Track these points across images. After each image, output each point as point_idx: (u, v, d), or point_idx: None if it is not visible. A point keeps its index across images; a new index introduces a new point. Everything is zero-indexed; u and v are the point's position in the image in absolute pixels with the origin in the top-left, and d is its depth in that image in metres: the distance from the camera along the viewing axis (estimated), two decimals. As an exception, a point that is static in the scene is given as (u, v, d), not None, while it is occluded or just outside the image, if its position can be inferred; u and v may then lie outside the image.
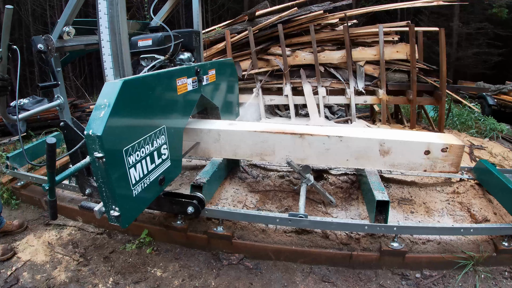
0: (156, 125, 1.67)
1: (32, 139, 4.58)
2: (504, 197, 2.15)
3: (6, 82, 1.70)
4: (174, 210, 1.99)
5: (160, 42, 2.09)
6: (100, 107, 1.35)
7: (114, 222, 1.47)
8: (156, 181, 1.71)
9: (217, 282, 1.96)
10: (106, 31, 1.61)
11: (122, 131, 1.42)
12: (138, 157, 1.53)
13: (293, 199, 2.52)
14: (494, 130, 4.70)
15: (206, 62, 2.42)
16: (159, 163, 1.73)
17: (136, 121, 1.52)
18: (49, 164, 1.33)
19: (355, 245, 2.09)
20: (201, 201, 1.97)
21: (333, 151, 2.11)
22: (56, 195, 1.46)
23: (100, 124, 1.30)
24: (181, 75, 1.89)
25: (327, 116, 4.94)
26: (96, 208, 1.50)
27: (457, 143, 2.01)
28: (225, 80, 2.66)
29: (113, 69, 1.67)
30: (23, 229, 2.47)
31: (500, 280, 1.92)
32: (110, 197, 1.41)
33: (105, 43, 1.63)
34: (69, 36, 1.87)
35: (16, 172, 2.81)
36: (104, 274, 2.04)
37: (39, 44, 1.72)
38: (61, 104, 1.95)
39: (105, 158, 1.31)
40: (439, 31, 4.07)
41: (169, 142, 1.79)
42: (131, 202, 1.53)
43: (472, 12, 12.94)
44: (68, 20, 1.83)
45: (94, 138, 1.29)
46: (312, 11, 4.35)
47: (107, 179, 1.37)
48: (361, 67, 4.39)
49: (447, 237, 2.12)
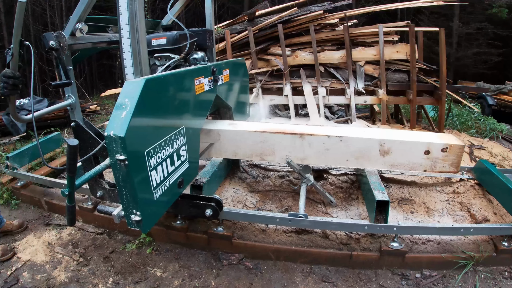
0: (176, 126, 1.62)
1: (32, 139, 4.58)
2: (504, 197, 2.15)
3: (17, 81, 1.61)
4: (192, 213, 1.95)
5: (175, 41, 2.04)
6: (121, 107, 1.29)
7: (134, 226, 1.41)
8: (175, 183, 1.66)
9: (217, 282, 1.96)
10: (127, 27, 1.53)
11: (144, 132, 1.37)
12: (159, 159, 1.48)
13: (293, 199, 2.52)
14: (494, 130, 4.70)
15: (221, 61, 2.37)
16: (178, 165, 1.68)
17: (157, 122, 1.47)
18: (69, 168, 1.26)
19: (355, 245, 2.09)
20: (219, 203, 1.94)
21: (333, 151, 2.11)
22: (75, 200, 1.39)
23: (122, 124, 1.24)
24: (198, 75, 1.85)
25: (327, 116, 4.94)
26: (115, 212, 1.44)
27: (457, 143, 2.01)
28: (239, 80, 2.63)
29: (133, 68, 1.60)
30: (23, 229, 2.46)
31: (500, 280, 1.92)
32: (131, 201, 1.35)
33: (125, 40, 1.56)
34: (82, 34, 1.78)
35: (16, 172, 2.81)
36: (104, 274, 2.04)
37: (51, 41, 1.62)
38: (73, 104, 1.86)
39: (127, 161, 1.25)
40: (439, 31, 4.07)
41: (187, 143, 1.75)
42: (152, 206, 1.47)
43: (472, 12, 12.93)
44: (81, 16, 1.74)
45: (116, 139, 1.23)
46: (312, 11, 4.35)
47: (128, 183, 1.31)
48: (361, 67, 4.39)
49: (447, 237, 2.12)
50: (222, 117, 2.55)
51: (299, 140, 2.12)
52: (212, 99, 2.08)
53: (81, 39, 1.81)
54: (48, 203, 2.69)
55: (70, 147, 1.20)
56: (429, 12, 13.46)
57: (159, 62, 2.10)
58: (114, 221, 1.45)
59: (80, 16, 1.73)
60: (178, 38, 2.05)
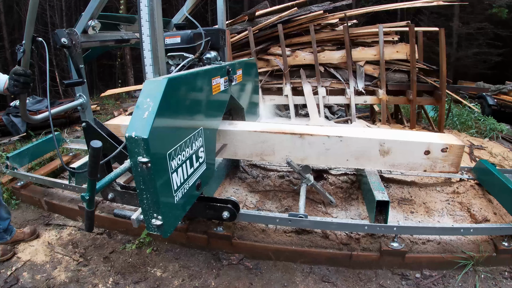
0: (195, 127, 1.58)
1: (32, 139, 4.58)
2: (504, 197, 2.15)
3: (28, 79, 1.54)
4: (208, 215, 1.92)
5: (190, 39, 1.99)
6: (142, 107, 1.24)
7: (154, 231, 1.36)
8: (194, 186, 1.62)
9: (217, 282, 1.96)
10: (147, 24, 1.48)
11: (166, 133, 1.32)
12: (179, 161, 1.43)
13: (293, 199, 2.52)
14: (494, 130, 4.70)
15: (234, 61, 2.33)
16: (197, 167, 1.64)
17: (178, 122, 1.43)
18: (91, 171, 1.19)
19: (355, 245, 2.09)
20: (236, 205, 1.90)
21: (333, 151, 2.11)
22: (94, 205, 1.32)
23: (145, 125, 1.19)
24: (215, 75, 1.82)
25: (327, 116, 4.94)
26: (134, 216, 1.39)
27: (457, 143, 2.01)
28: (251, 80, 2.61)
29: (153, 66, 1.54)
30: (35, 236, 2.38)
31: (500, 280, 1.92)
32: (152, 205, 1.30)
33: (145, 38, 1.51)
34: (95, 31, 1.71)
35: (16, 172, 2.81)
36: (104, 274, 2.04)
37: (63, 38, 1.53)
38: (84, 104, 1.78)
39: (150, 163, 1.20)
40: (439, 31, 4.07)
41: (205, 144, 1.71)
42: (173, 209, 1.43)
43: (472, 12, 12.94)
44: (94, 13, 1.65)
45: (138, 141, 1.17)
46: (312, 11, 4.35)
47: (150, 186, 1.26)
48: (361, 67, 4.39)
49: (447, 237, 2.12)
50: (234, 118, 2.51)
51: (299, 140, 2.12)
52: (227, 100, 2.04)
53: (94, 37, 1.75)
54: (48, 203, 2.69)
55: (93, 150, 1.14)
56: (429, 12, 13.47)
57: (172, 62, 2.05)
58: (133, 224, 1.39)
59: (93, 13, 1.65)
60: (193, 37, 2.00)
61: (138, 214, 1.39)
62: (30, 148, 2.99)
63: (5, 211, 2.19)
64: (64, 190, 2.69)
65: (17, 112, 5.00)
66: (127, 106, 6.82)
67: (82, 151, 3.51)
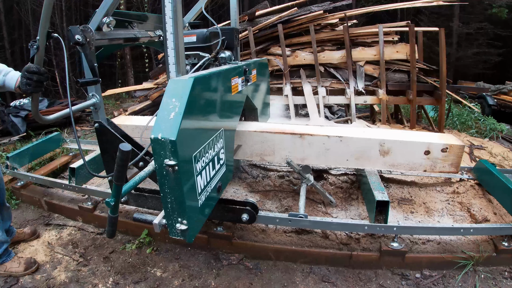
0: (217, 128, 1.55)
1: (32, 139, 4.58)
2: (504, 197, 2.15)
3: (42, 77, 1.43)
4: (226, 217, 1.88)
5: (206, 38, 1.96)
6: (167, 108, 1.19)
7: (178, 236, 1.32)
8: (215, 188, 1.59)
9: (217, 282, 1.96)
10: (170, 21, 1.42)
11: (192, 135, 1.28)
12: (203, 163, 1.39)
13: (293, 199, 2.52)
14: (494, 130, 4.70)
15: (249, 61, 2.31)
16: (218, 169, 1.61)
17: (202, 123, 1.39)
18: (118, 176, 1.14)
19: (355, 245, 2.09)
20: (255, 207, 1.86)
21: (333, 151, 2.11)
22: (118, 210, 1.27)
23: (172, 127, 1.14)
24: (234, 75, 1.78)
25: (327, 116, 4.94)
26: (156, 221, 1.34)
27: (457, 143, 2.01)
28: (264, 80, 2.59)
29: (176, 65, 1.48)
30: (36, 236, 2.37)
31: (500, 280, 1.92)
32: (177, 209, 1.26)
33: (169, 35, 1.45)
34: (109, 28, 1.64)
35: (16, 172, 2.81)
36: (104, 274, 2.04)
37: (77, 35, 1.46)
38: (97, 104, 1.70)
39: (177, 166, 1.15)
40: (439, 31, 4.07)
41: (225, 146, 1.67)
42: (197, 213, 1.39)
43: (472, 12, 12.93)
44: (109, 10, 1.58)
45: (164, 143, 1.13)
46: (312, 11, 4.35)
47: (177, 190, 1.21)
48: (361, 67, 4.38)
49: (447, 237, 2.12)
50: (247, 119, 2.49)
51: (299, 140, 2.12)
52: (244, 100, 2.01)
53: (108, 34, 1.69)
54: (48, 203, 2.69)
55: (122, 153, 1.08)
56: (429, 12, 13.47)
57: (187, 61, 2.02)
58: (155, 229, 1.35)
59: (108, 10, 1.58)
60: (209, 36, 1.97)
61: (160, 219, 1.34)
62: (30, 148, 2.99)
63: (8, 214, 2.14)
64: (64, 190, 2.69)
65: (17, 112, 5.00)
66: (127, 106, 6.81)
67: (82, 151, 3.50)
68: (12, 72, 1.62)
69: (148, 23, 1.99)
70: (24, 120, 4.94)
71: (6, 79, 1.60)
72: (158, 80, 5.22)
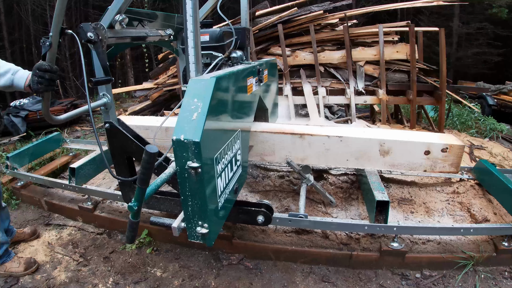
0: (235, 129, 1.52)
1: (32, 139, 4.58)
2: (504, 197, 2.15)
3: (54, 75, 1.38)
4: (241, 219, 1.83)
5: (219, 38, 1.92)
6: (189, 108, 1.16)
7: (199, 240, 1.28)
8: (232, 190, 1.55)
9: (217, 282, 1.96)
10: (191, 20, 1.37)
11: (214, 136, 1.25)
12: (223, 165, 1.37)
13: (293, 199, 2.52)
14: (494, 130, 4.70)
15: (261, 61, 2.28)
16: (235, 170, 1.58)
17: (222, 124, 1.36)
18: (142, 179, 1.09)
19: (355, 245, 2.09)
20: (270, 208, 1.81)
21: (333, 151, 2.11)
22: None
23: (195, 128, 1.10)
24: (249, 75, 1.76)
25: (327, 116, 4.94)
26: (175, 224, 1.30)
27: (457, 143, 2.01)
28: (274, 81, 2.57)
29: (195, 64, 1.44)
30: (36, 236, 2.37)
31: (500, 280, 1.92)
32: (198, 212, 1.22)
33: (189, 34, 1.41)
34: (122, 26, 1.59)
35: (16, 172, 2.81)
36: (104, 274, 2.04)
37: (89, 32, 1.40)
38: (108, 104, 1.64)
39: (200, 169, 1.12)
40: (439, 31, 4.07)
41: (241, 147, 1.64)
42: (217, 216, 1.36)
43: (472, 12, 12.94)
44: (122, 7, 1.53)
45: (187, 145, 1.09)
46: (312, 11, 4.35)
47: (199, 192, 1.18)
48: (361, 67, 4.39)
49: (447, 237, 2.12)
50: (257, 119, 2.46)
51: (299, 140, 2.12)
52: (257, 100, 1.98)
53: (120, 33, 1.63)
54: (48, 203, 2.69)
55: (149, 155, 1.03)
56: (429, 12, 13.46)
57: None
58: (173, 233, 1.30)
59: (121, 7, 1.53)
60: (222, 35, 1.94)
61: (179, 222, 1.31)
62: (30, 148, 2.99)
63: (5, 214, 2.13)
64: (64, 190, 2.69)
65: (17, 112, 5.00)
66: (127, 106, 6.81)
67: (82, 151, 3.50)
68: (21, 71, 1.57)
69: (157, 22, 1.97)
70: (24, 120, 4.94)
71: (14, 78, 1.54)
72: (158, 80, 5.22)
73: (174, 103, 5.25)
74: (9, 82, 1.52)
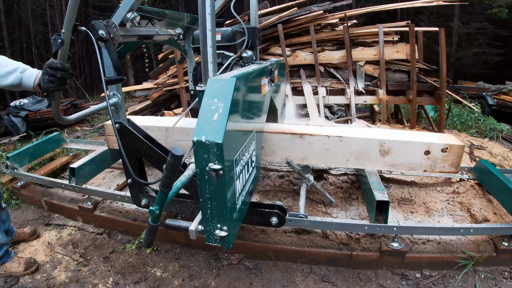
0: (251, 129, 1.50)
1: (32, 139, 4.58)
2: (504, 197, 2.15)
3: (66, 74, 1.32)
4: (254, 221, 1.79)
5: (231, 37, 1.89)
6: (209, 108, 1.13)
7: (217, 242, 1.26)
8: (248, 192, 1.52)
9: (217, 282, 1.96)
10: (209, 18, 1.34)
11: (235, 137, 1.23)
12: (241, 166, 1.35)
13: (293, 199, 2.52)
14: (494, 130, 4.70)
15: (272, 61, 2.25)
16: (251, 172, 1.55)
17: (241, 125, 1.34)
18: (167, 182, 1.06)
19: (355, 245, 2.09)
20: (283, 209, 1.78)
21: (333, 151, 2.11)
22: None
23: (217, 129, 1.08)
24: (263, 75, 1.74)
25: (327, 116, 4.94)
26: (192, 227, 1.27)
27: (457, 143, 2.01)
28: (283, 81, 2.55)
29: (213, 64, 1.40)
30: (36, 236, 2.36)
31: (500, 280, 1.92)
32: (217, 215, 1.20)
33: (208, 32, 1.37)
34: (134, 24, 1.55)
35: (16, 172, 2.81)
36: (104, 274, 2.04)
37: (100, 30, 1.36)
38: (118, 103, 1.60)
39: (222, 171, 1.09)
40: (439, 31, 4.07)
41: (256, 148, 1.62)
42: (235, 218, 1.34)
43: (472, 12, 12.94)
44: (134, 4, 1.49)
45: (209, 146, 1.06)
46: (312, 11, 4.35)
47: (220, 195, 1.15)
48: (361, 67, 4.39)
49: (447, 237, 2.12)
50: (267, 120, 2.41)
51: (299, 140, 2.12)
52: (269, 101, 1.96)
53: (132, 31, 1.58)
54: (48, 203, 2.69)
55: (175, 158, 1.00)
56: (429, 12, 13.47)
57: None
58: (190, 236, 1.27)
59: (133, 4, 1.49)
60: (233, 35, 1.91)
61: (196, 225, 1.28)
62: (30, 148, 2.99)
63: (5, 214, 2.13)
64: (64, 190, 2.69)
65: (17, 112, 5.00)
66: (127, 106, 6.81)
67: (82, 151, 3.51)
68: (30, 70, 1.51)
69: (166, 21, 1.95)
70: (24, 120, 4.94)
71: (23, 77, 1.47)
72: (158, 80, 5.22)
73: (174, 103, 5.26)
74: (17, 81, 1.46)
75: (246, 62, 2.01)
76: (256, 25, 2.26)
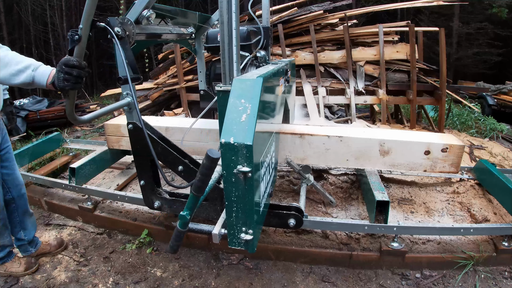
0: (272, 130, 1.47)
1: (32, 139, 4.58)
2: (504, 197, 2.15)
3: (82, 72, 1.26)
4: (271, 223, 1.74)
5: (247, 37, 1.86)
6: (236, 109, 1.10)
7: (241, 246, 1.22)
8: (268, 194, 1.49)
9: (217, 282, 1.96)
10: (234, 16, 1.29)
11: (262, 139, 1.21)
12: (265, 168, 1.32)
13: (293, 199, 2.52)
14: (494, 130, 4.70)
15: (285, 61, 2.23)
16: (271, 173, 1.52)
17: (266, 126, 1.31)
18: (200, 186, 1.03)
19: (355, 245, 2.09)
20: (300, 211, 1.73)
21: (333, 151, 2.11)
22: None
23: (246, 130, 1.05)
24: (280, 74, 1.71)
25: (327, 116, 4.94)
26: (215, 231, 1.23)
27: (457, 143, 2.01)
28: (294, 81, 2.55)
29: (236, 63, 1.36)
30: (63, 248, 2.20)
31: (500, 280, 1.92)
32: (243, 218, 1.16)
33: (233, 31, 1.35)
34: (149, 22, 1.51)
35: (16, 172, 2.81)
36: (104, 274, 2.04)
37: (116, 27, 1.31)
38: (131, 104, 1.56)
39: (250, 173, 1.06)
40: (439, 31, 4.07)
41: (275, 149, 1.59)
42: (259, 221, 1.30)
43: (472, 12, 12.94)
44: (150, 2, 1.45)
45: (238, 148, 1.03)
46: (312, 11, 4.35)
47: (247, 197, 1.12)
48: (361, 67, 4.39)
49: (447, 237, 2.12)
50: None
51: (299, 140, 2.12)
52: (284, 101, 1.94)
53: (147, 29, 1.53)
54: (48, 203, 2.69)
55: (211, 160, 0.97)
56: (429, 12, 13.47)
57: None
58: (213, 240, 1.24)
59: (149, 1, 1.44)
60: (248, 34, 1.88)
61: (220, 228, 1.25)
62: (30, 148, 2.99)
63: (31, 223, 2.08)
64: (64, 190, 2.69)
65: (17, 112, 5.00)
66: (127, 106, 6.82)
67: (82, 151, 3.50)
68: (43, 67, 1.41)
69: (179, 19, 1.93)
70: (24, 120, 4.94)
71: (36, 75, 1.38)
72: (158, 80, 5.21)
73: (174, 103, 5.25)
74: (29, 79, 1.38)
75: (260, 62, 1.98)
76: (268, 24, 2.21)
